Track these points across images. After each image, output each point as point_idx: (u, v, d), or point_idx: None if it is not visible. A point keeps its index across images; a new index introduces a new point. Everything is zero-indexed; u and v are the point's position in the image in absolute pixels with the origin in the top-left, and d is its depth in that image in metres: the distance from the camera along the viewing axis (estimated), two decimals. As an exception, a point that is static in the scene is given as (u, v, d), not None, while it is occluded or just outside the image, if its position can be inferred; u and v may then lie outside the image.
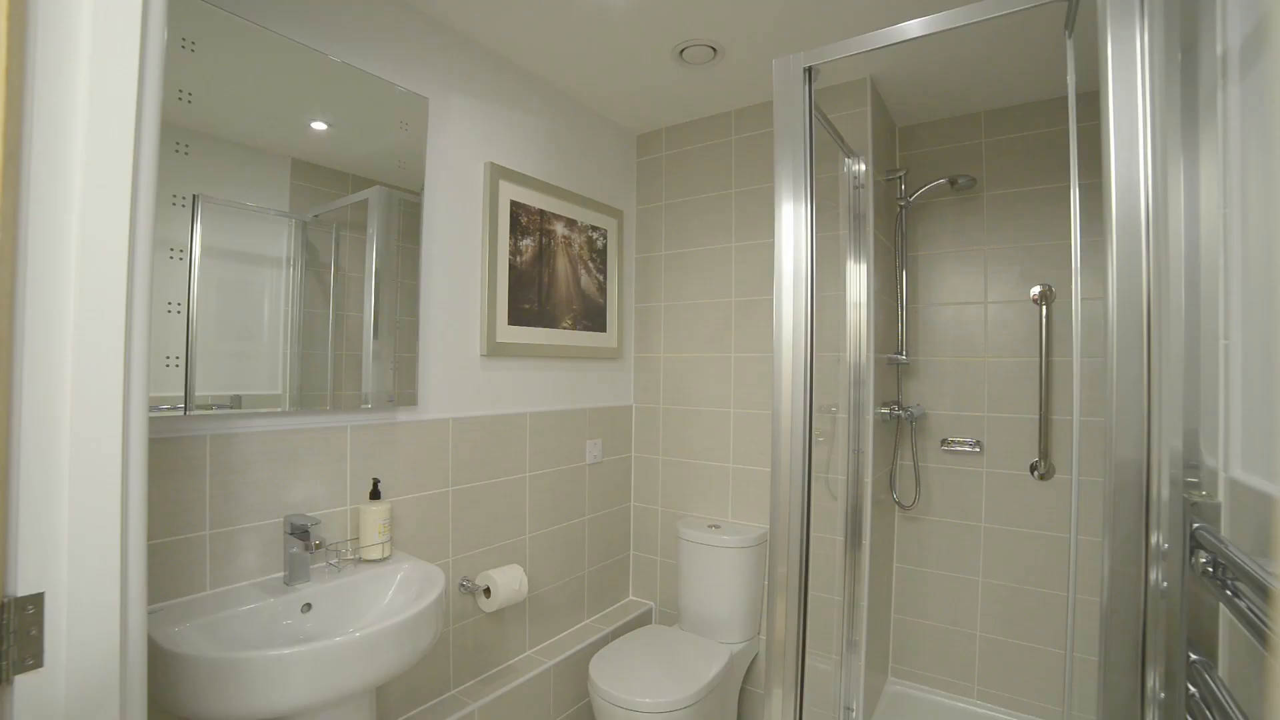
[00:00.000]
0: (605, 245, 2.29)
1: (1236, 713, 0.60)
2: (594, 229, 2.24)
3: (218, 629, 1.11)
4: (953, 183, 2.10)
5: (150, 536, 0.73)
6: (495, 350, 1.82)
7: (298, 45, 1.34)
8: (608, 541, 2.34)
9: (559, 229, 2.07)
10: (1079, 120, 1.11)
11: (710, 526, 2.13)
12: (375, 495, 1.47)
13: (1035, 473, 2.00)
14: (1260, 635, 0.55)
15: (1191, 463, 0.78)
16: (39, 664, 0.58)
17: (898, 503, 2.22)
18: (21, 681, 0.57)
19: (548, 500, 2.04)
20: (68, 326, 0.60)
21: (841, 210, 1.91)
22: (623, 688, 1.65)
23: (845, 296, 1.87)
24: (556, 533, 2.08)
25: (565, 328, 2.10)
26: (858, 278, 1.88)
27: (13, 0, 0.54)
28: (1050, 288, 1.99)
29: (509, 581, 1.73)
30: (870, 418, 1.90)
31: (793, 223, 1.20)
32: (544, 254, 2.02)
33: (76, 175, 0.61)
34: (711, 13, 1.63)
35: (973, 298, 2.14)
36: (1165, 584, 0.78)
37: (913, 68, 1.89)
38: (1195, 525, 0.72)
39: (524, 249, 1.94)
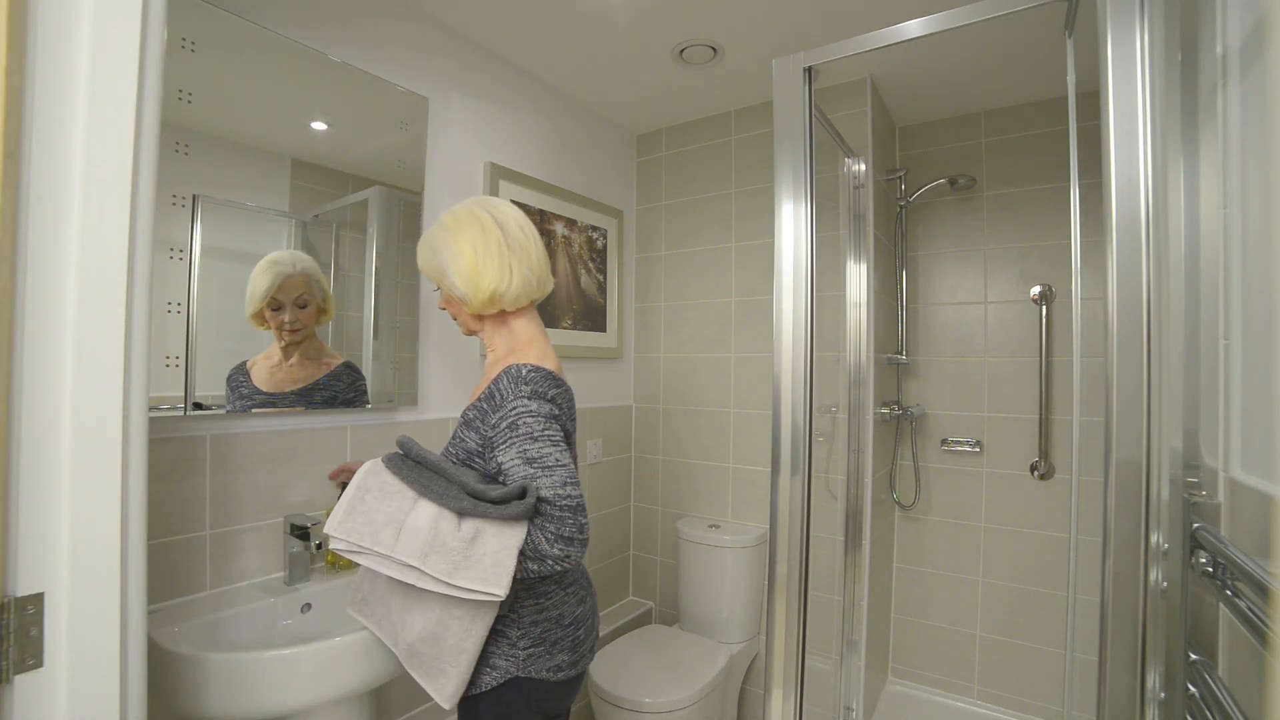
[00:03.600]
0: (605, 245, 2.29)
1: (1236, 713, 0.60)
2: (594, 229, 2.24)
3: (218, 629, 1.11)
4: (953, 183, 2.10)
5: (150, 536, 0.73)
6: (495, 350, 1.82)
7: (298, 45, 1.34)
8: (608, 541, 2.34)
9: (559, 229, 2.07)
10: (1079, 120, 1.11)
11: (710, 526, 2.13)
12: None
13: (1035, 473, 2.00)
14: (1260, 635, 0.55)
15: (1191, 463, 0.78)
16: (39, 664, 0.58)
17: (898, 503, 2.22)
18: (21, 681, 0.57)
19: (548, 500, 2.04)
20: (68, 326, 0.60)
21: (841, 210, 1.91)
22: (623, 687, 1.65)
23: (845, 296, 1.87)
24: (556, 533, 2.08)
25: (565, 327, 2.10)
26: (858, 278, 1.88)
27: (13, 0, 0.54)
28: (1050, 288, 1.99)
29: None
30: (870, 418, 1.90)
31: (793, 223, 1.19)
32: (544, 254, 2.02)
33: (76, 175, 0.61)
34: (711, 13, 1.63)
35: (973, 298, 2.14)
36: (1165, 584, 0.78)
37: (913, 68, 1.89)
38: (1195, 525, 0.73)
39: (524, 249, 1.93)
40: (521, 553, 0.86)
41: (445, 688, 0.91)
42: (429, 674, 0.92)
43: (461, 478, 0.91)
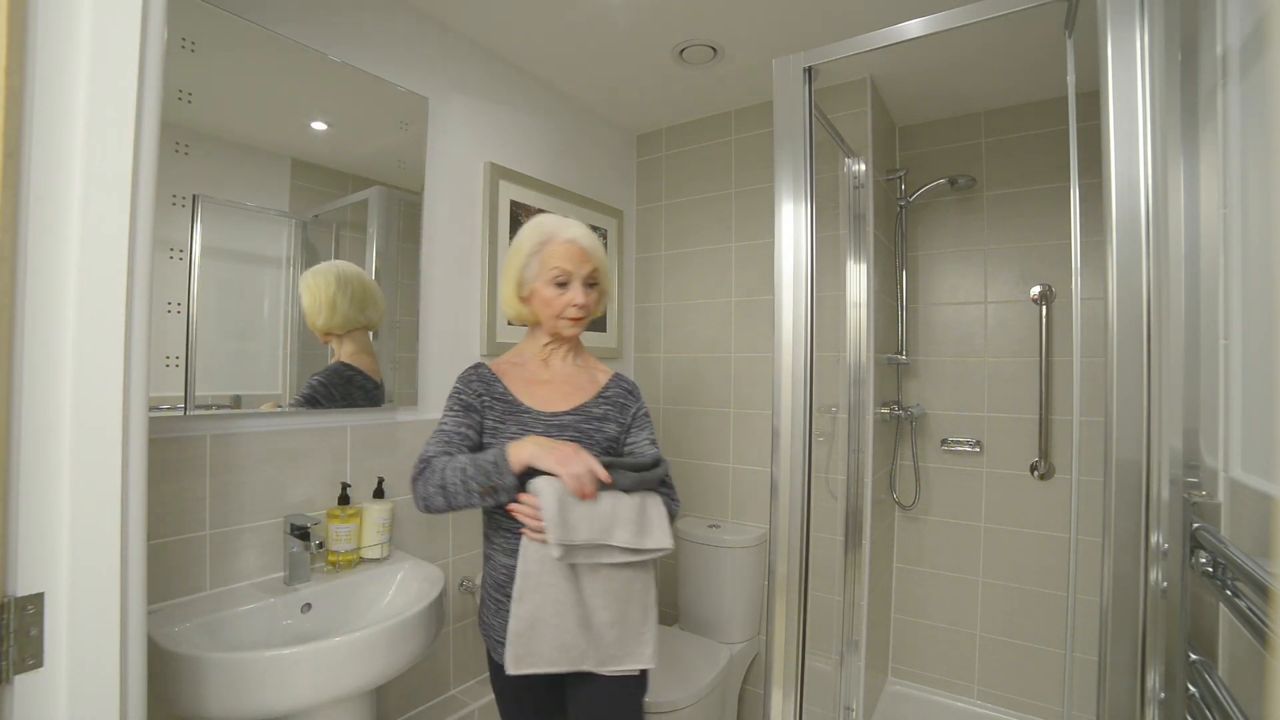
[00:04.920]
0: (605, 245, 2.29)
1: (1236, 713, 0.60)
2: (594, 228, 2.23)
3: (218, 629, 1.11)
4: (953, 183, 2.10)
5: (150, 536, 0.73)
6: (496, 350, 1.82)
7: (298, 45, 1.34)
8: (608, 541, 2.33)
9: (559, 229, 2.07)
10: (1079, 120, 1.11)
11: (710, 526, 2.13)
12: (379, 494, 1.47)
13: (1035, 473, 2.00)
14: (1260, 635, 0.55)
15: (1191, 463, 0.78)
16: (39, 664, 0.58)
17: (898, 503, 2.22)
18: (21, 681, 0.57)
19: (548, 500, 2.04)
20: (68, 326, 0.60)
21: (841, 210, 1.91)
22: (623, 688, 1.65)
23: (845, 296, 1.86)
24: (556, 533, 2.08)
25: (565, 328, 2.10)
26: (858, 278, 1.88)
27: (13, 0, 0.54)
28: (1050, 288, 1.99)
29: (509, 581, 1.74)
30: (870, 418, 1.90)
31: (793, 223, 1.19)
32: (544, 254, 2.02)
33: (76, 175, 0.61)
34: (711, 13, 1.63)
35: (973, 298, 2.14)
36: (1165, 584, 0.78)
37: (913, 68, 1.89)
38: (1195, 525, 0.73)
39: (524, 249, 1.94)
40: None
41: (644, 651, 1.05)
42: (630, 651, 1.04)
43: (618, 463, 1.06)
